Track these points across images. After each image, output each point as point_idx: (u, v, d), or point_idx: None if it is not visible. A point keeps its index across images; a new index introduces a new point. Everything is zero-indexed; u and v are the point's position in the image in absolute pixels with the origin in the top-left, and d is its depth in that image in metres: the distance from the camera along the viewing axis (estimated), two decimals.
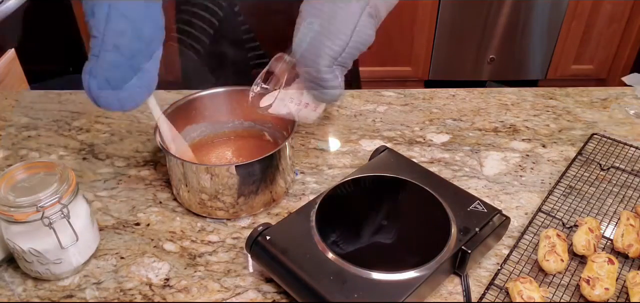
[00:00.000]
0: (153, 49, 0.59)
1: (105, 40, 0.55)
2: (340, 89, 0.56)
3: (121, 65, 0.57)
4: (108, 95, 0.58)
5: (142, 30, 0.57)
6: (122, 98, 0.59)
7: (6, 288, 0.58)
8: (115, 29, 0.55)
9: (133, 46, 0.57)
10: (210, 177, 0.62)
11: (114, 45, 0.55)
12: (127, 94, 0.59)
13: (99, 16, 0.55)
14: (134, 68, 0.58)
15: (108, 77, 0.56)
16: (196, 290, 0.57)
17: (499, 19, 2.35)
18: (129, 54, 0.57)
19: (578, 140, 0.82)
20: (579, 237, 0.59)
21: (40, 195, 0.53)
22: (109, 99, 0.58)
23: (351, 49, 0.54)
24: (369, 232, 0.58)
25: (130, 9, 0.55)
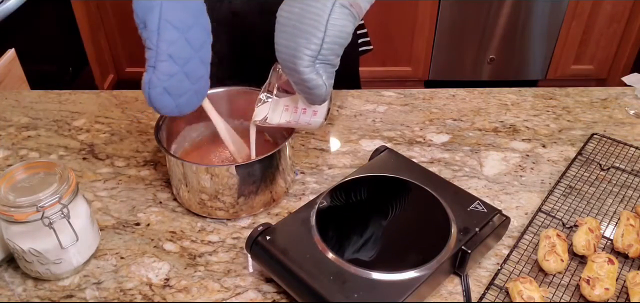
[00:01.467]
0: (203, 54, 0.61)
1: (159, 51, 0.58)
2: (325, 87, 0.56)
3: (176, 73, 0.59)
4: (168, 103, 0.61)
5: (192, 38, 0.59)
6: (180, 104, 0.62)
7: (6, 288, 0.58)
8: (167, 40, 0.57)
9: (185, 54, 0.59)
10: (210, 177, 0.62)
11: (168, 54, 0.58)
12: (185, 99, 0.62)
13: (151, 28, 0.57)
14: (188, 74, 0.60)
15: (166, 86, 0.59)
16: (196, 290, 0.57)
17: (499, 19, 2.35)
18: (182, 61, 0.59)
19: (578, 140, 0.82)
20: (579, 237, 0.59)
21: (40, 195, 0.53)
22: (169, 107, 0.61)
23: (329, 44, 0.54)
24: (369, 232, 0.58)
25: (179, 19, 0.58)
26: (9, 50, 1.29)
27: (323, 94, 0.57)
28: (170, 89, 0.60)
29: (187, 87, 0.61)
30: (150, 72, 0.59)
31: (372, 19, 2.31)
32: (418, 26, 2.37)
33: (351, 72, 1.08)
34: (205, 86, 0.64)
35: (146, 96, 0.60)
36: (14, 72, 1.28)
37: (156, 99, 0.60)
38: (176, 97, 0.61)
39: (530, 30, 2.37)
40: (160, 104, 0.60)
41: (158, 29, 0.57)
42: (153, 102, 0.60)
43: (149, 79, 0.59)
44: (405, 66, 2.50)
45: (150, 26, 0.57)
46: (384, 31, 2.37)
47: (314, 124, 0.64)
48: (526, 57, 2.47)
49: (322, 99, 0.58)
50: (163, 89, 0.59)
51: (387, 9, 2.31)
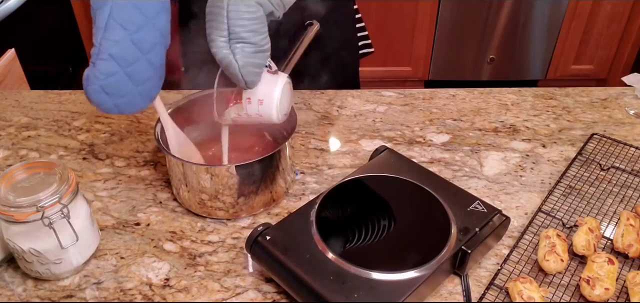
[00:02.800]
0: (153, 56, 0.59)
1: (101, 48, 0.56)
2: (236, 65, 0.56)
3: (116, 73, 0.58)
4: (105, 101, 0.59)
5: (140, 39, 0.57)
6: (119, 104, 0.60)
7: (6, 288, 0.58)
8: (111, 38, 0.56)
9: (129, 55, 0.57)
10: (210, 177, 0.62)
11: (109, 54, 0.56)
12: (125, 100, 0.60)
13: (98, 24, 0.56)
14: (131, 76, 0.59)
15: (103, 85, 0.58)
16: (196, 290, 0.57)
17: (499, 19, 2.35)
18: (124, 62, 0.57)
19: (578, 140, 0.82)
20: (579, 237, 0.59)
21: (40, 195, 0.53)
22: (107, 105, 0.59)
23: (234, 26, 0.55)
24: (369, 232, 0.58)
25: (128, 19, 0.56)
26: (9, 50, 1.29)
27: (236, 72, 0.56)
28: (108, 88, 0.58)
29: (128, 89, 0.59)
30: (90, 68, 0.58)
31: (372, 19, 2.32)
32: (418, 26, 2.37)
33: (351, 73, 1.08)
34: (154, 88, 0.62)
35: (84, 91, 0.59)
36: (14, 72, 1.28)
37: (92, 96, 0.59)
38: (115, 97, 0.59)
39: (530, 30, 2.37)
40: (97, 101, 0.59)
41: (105, 27, 0.56)
42: (90, 98, 0.59)
43: (87, 75, 0.58)
44: (405, 66, 2.50)
45: (98, 22, 0.56)
46: (384, 31, 2.37)
47: (266, 115, 0.61)
48: (526, 57, 2.47)
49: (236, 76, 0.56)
50: (100, 87, 0.58)
51: (387, 9, 2.31)
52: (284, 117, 0.63)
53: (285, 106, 0.63)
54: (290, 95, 0.64)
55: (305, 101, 0.92)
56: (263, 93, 0.60)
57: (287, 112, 0.64)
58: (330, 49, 0.96)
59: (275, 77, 0.61)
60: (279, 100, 0.60)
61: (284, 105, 0.62)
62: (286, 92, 0.62)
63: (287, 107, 0.64)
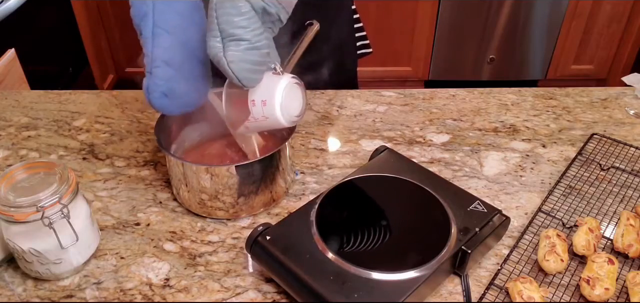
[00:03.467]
0: (201, 53, 0.62)
1: (154, 57, 0.59)
2: (224, 60, 0.56)
3: (172, 77, 0.61)
4: (168, 106, 0.63)
5: (187, 41, 0.60)
6: (181, 104, 0.64)
7: (6, 288, 0.58)
8: (161, 45, 0.59)
9: (180, 57, 0.60)
10: (210, 177, 0.62)
11: (162, 60, 0.59)
12: (185, 100, 0.64)
13: (145, 34, 0.59)
14: (186, 76, 0.62)
15: (164, 91, 0.61)
16: (196, 290, 0.57)
17: (499, 19, 2.35)
18: (178, 65, 0.60)
19: (578, 140, 0.82)
20: (579, 237, 0.59)
21: (40, 195, 0.53)
22: (170, 108, 0.63)
23: (223, 24, 0.55)
24: (369, 232, 0.58)
25: (172, 23, 0.59)
26: (9, 50, 1.29)
27: (225, 67, 0.56)
28: (169, 92, 0.61)
29: (185, 88, 0.62)
30: (148, 78, 0.61)
31: (372, 19, 2.32)
32: (418, 26, 2.37)
33: (349, 74, 1.08)
34: (206, 83, 0.65)
35: (147, 100, 0.62)
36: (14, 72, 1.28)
37: (156, 103, 0.62)
38: (175, 99, 0.62)
39: (530, 30, 2.37)
40: (161, 107, 0.63)
41: (152, 36, 0.59)
42: (154, 106, 0.62)
43: (147, 85, 0.61)
44: (405, 66, 2.50)
45: (144, 33, 0.59)
46: (384, 31, 2.37)
47: (272, 117, 0.60)
48: (526, 57, 2.47)
49: (227, 72, 0.56)
50: (161, 93, 0.61)
51: (387, 9, 2.31)
52: (296, 119, 0.62)
53: (294, 107, 0.61)
54: (301, 96, 0.63)
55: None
56: (265, 94, 0.59)
57: (299, 114, 0.62)
58: (328, 49, 0.96)
59: (278, 78, 0.60)
60: (281, 99, 0.59)
61: (293, 106, 0.61)
62: (293, 92, 0.61)
63: (298, 108, 0.62)
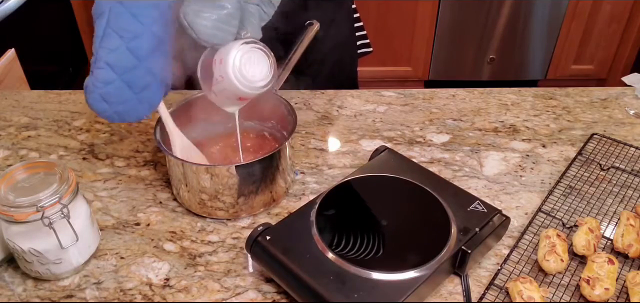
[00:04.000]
0: (151, 63, 0.59)
1: (98, 57, 0.57)
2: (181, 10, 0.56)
3: (113, 81, 0.58)
4: (106, 109, 0.60)
5: (137, 47, 0.57)
6: (120, 111, 0.60)
7: (6, 288, 0.58)
8: (107, 47, 0.57)
9: (126, 63, 0.58)
10: (210, 177, 0.62)
11: (105, 62, 0.57)
12: (125, 107, 0.60)
13: (97, 32, 0.57)
14: (129, 83, 0.59)
15: (102, 93, 0.58)
16: (196, 290, 0.57)
17: (499, 19, 2.35)
18: (121, 70, 0.58)
19: (578, 140, 0.82)
20: (579, 237, 0.59)
21: (40, 195, 0.53)
22: (107, 113, 0.60)
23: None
24: (369, 232, 0.58)
25: (124, 27, 0.56)
26: (9, 50, 1.29)
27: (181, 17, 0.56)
28: (107, 96, 0.59)
29: (127, 96, 0.59)
30: (89, 77, 0.59)
31: (372, 19, 2.32)
32: (418, 26, 2.37)
33: (349, 73, 1.08)
34: (155, 95, 0.62)
35: (85, 100, 0.60)
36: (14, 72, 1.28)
37: (93, 104, 0.59)
38: (114, 105, 0.60)
39: (530, 30, 2.37)
40: (98, 109, 0.60)
41: (102, 35, 0.57)
42: (91, 106, 0.60)
43: (86, 84, 0.59)
44: (405, 66, 2.50)
45: (96, 31, 0.57)
46: (384, 31, 2.37)
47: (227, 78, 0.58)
48: (526, 57, 2.47)
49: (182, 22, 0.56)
50: (99, 95, 0.59)
51: (387, 9, 2.31)
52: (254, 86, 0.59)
53: (253, 73, 0.59)
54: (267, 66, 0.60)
55: (305, 101, 0.92)
56: (223, 52, 0.58)
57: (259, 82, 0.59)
58: (328, 49, 0.97)
59: (240, 40, 0.58)
60: (235, 59, 0.57)
61: (252, 71, 0.58)
62: (255, 57, 0.59)
63: (259, 75, 0.59)
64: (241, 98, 0.61)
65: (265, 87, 0.60)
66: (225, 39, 0.58)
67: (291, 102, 0.73)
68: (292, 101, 0.88)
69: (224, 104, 0.64)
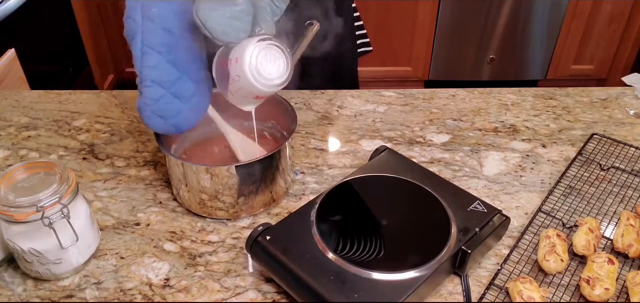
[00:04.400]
0: (191, 72, 0.61)
1: (143, 76, 0.59)
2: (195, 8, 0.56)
3: (163, 96, 0.60)
4: (161, 125, 0.62)
5: (176, 60, 0.59)
6: (175, 123, 0.63)
7: (6, 288, 0.58)
8: (149, 65, 0.58)
9: (169, 76, 0.60)
10: (210, 177, 0.62)
11: (151, 80, 0.59)
12: (179, 119, 0.63)
13: (135, 53, 0.58)
14: (177, 94, 0.61)
15: (154, 110, 0.60)
16: (196, 290, 0.57)
17: (499, 19, 2.34)
18: (168, 84, 0.60)
19: (578, 140, 0.82)
20: (579, 237, 0.59)
21: (40, 195, 0.53)
22: (164, 127, 0.63)
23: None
24: (369, 232, 0.58)
25: (159, 42, 0.58)
26: (9, 50, 1.29)
27: (194, 15, 0.56)
28: (160, 112, 0.61)
29: (179, 107, 0.61)
30: (139, 98, 0.61)
31: (372, 19, 2.32)
32: (418, 26, 2.37)
33: (350, 72, 1.08)
34: (202, 101, 0.64)
35: (141, 119, 0.62)
36: (14, 72, 1.28)
37: (149, 123, 0.62)
38: (168, 118, 0.62)
39: (530, 30, 2.37)
40: (154, 127, 0.62)
41: (141, 55, 0.58)
42: (148, 125, 0.62)
43: (139, 106, 0.61)
44: (405, 66, 2.50)
45: (134, 52, 0.58)
46: (384, 31, 2.37)
47: (243, 77, 0.58)
48: (526, 57, 2.47)
49: (196, 20, 0.56)
50: (152, 112, 0.61)
51: (387, 9, 2.31)
52: (271, 84, 0.59)
53: (270, 71, 0.58)
54: (283, 63, 0.60)
55: (305, 101, 0.92)
56: (239, 51, 0.58)
57: (276, 80, 0.59)
58: (328, 48, 0.97)
59: (255, 38, 0.58)
60: (251, 58, 0.57)
61: (268, 69, 0.58)
62: (271, 54, 0.59)
63: (276, 73, 0.59)
64: (258, 96, 0.62)
65: (282, 85, 0.60)
66: (239, 36, 0.58)
67: (291, 102, 0.73)
68: (292, 101, 0.88)
69: (241, 102, 0.64)
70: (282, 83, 0.60)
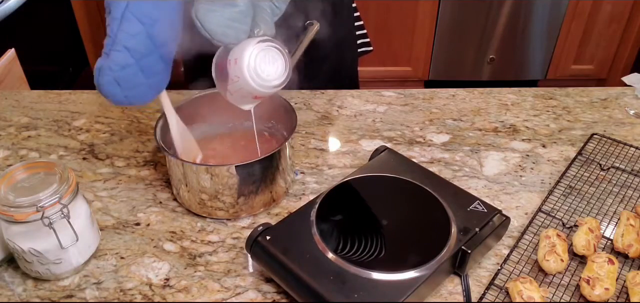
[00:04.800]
0: (165, 51, 0.60)
1: (117, 40, 0.57)
2: (194, 10, 0.56)
3: (130, 66, 0.58)
4: (116, 93, 0.59)
5: (156, 34, 0.58)
6: (129, 96, 0.60)
7: (6, 288, 0.58)
8: (127, 31, 0.56)
9: (143, 48, 0.58)
10: (210, 177, 0.62)
11: (124, 46, 0.57)
12: (136, 92, 0.60)
13: (114, 15, 0.56)
14: (144, 69, 0.59)
15: (116, 77, 0.58)
16: (196, 290, 0.57)
17: (499, 19, 2.35)
18: (139, 55, 0.58)
19: (578, 140, 0.82)
20: (579, 237, 0.59)
21: (40, 195, 0.53)
22: (117, 97, 0.60)
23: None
24: (369, 232, 0.58)
25: (145, 13, 0.56)
26: (9, 50, 1.29)
27: (193, 16, 0.56)
28: (121, 80, 0.58)
29: (140, 81, 0.60)
30: (103, 59, 0.58)
31: (372, 19, 2.32)
32: (418, 26, 2.37)
33: (350, 72, 1.08)
34: (162, 81, 0.63)
35: (95, 83, 0.59)
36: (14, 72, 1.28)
37: (105, 87, 0.59)
38: (126, 89, 0.59)
39: (530, 30, 2.37)
40: (108, 92, 0.59)
41: (121, 18, 0.56)
42: (101, 89, 0.59)
43: (101, 66, 0.58)
44: (405, 66, 2.50)
45: (114, 13, 0.56)
46: (384, 31, 2.37)
47: (242, 78, 0.58)
48: (526, 57, 2.47)
49: (195, 22, 0.56)
50: (113, 79, 0.58)
51: (387, 9, 2.31)
52: (270, 85, 0.59)
53: (268, 72, 0.58)
54: (281, 64, 0.60)
55: (305, 101, 0.92)
56: (238, 52, 0.58)
57: (275, 81, 0.59)
58: (329, 48, 0.97)
59: (254, 39, 0.58)
60: (250, 59, 0.57)
61: (266, 70, 0.58)
62: (270, 55, 0.59)
63: (274, 74, 0.59)
64: (257, 96, 0.62)
65: (281, 86, 0.60)
66: (238, 37, 0.57)
67: (291, 102, 0.73)
68: (292, 101, 0.88)
69: (240, 102, 0.64)
70: (281, 84, 0.60)
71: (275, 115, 0.76)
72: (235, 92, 0.61)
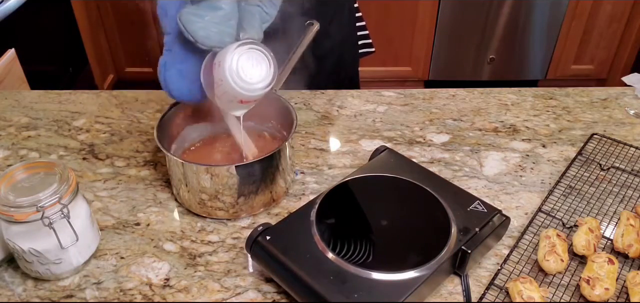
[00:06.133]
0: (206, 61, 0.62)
1: (179, 35, 0.59)
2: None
3: (190, 60, 0.61)
4: (181, 86, 0.62)
5: None
6: (193, 89, 0.63)
7: (6, 288, 0.58)
8: None
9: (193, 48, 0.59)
10: (210, 177, 0.62)
11: (186, 39, 0.58)
12: (196, 87, 0.63)
13: (172, 14, 0.59)
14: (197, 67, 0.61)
15: (181, 69, 0.61)
16: (196, 290, 0.57)
17: (499, 19, 2.34)
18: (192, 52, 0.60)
19: (578, 140, 0.82)
20: (579, 237, 0.59)
21: (40, 195, 0.53)
22: (182, 90, 0.63)
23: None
24: (369, 232, 0.58)
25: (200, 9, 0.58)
26: (9, 50, 1.29)
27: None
28: (186, 73, 0.61)
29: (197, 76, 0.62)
30: (166, 55, 0.60)
31: (372, 19, 2.32)
32: (418, 26, 2.37)
33: (350, 73, 1.08)
34: None
35: (161, 79, 0.61)
36: (14, 72, 1.28)
37: (170, 80, 0.61)
38: (190, 83, 0.62)
39: (530, 30, 2.37)
40: (174, 86, 0.62)
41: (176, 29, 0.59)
42: (167, 84, 0.62)
43: (165, 61, 0.61)
44: (405, 66, 2.50)
45: (171, 13, 0.59)
46: (384, 31, 2.37)
47: (225, 80, 0.58)
48: (526, 57, 2.47)
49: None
50: (178, 71, 0.61)
51: (387, 9, 2.31)
52: (253, 89, 0.58)
53: (251, 75, 0.58)
54: (266, 68, 0.59)
55: (305, 101, 0.92)
56: (222, 55, 0.58)
57: (258, 84, 0.59)
58: (330, 49, 0.97)
59: (238, 42, 0.58)
60: (232, 62, 0.57)
61: (249, 73, 0.58)
62: (253, 58, 0.58)
63: (258, 77, 0.59)
64: (242, 101, 0.61)
65: (265, 89, 0.60)
66: (222, 40, 0.58)
67: (291, 102, 0.73)
68: (292, 101, 0.88)
69: (228, 107, 0.64)
70: (265, 87, 0.60)
71: (275, 115, 0.76)
72: (221, 96, 0.61)
